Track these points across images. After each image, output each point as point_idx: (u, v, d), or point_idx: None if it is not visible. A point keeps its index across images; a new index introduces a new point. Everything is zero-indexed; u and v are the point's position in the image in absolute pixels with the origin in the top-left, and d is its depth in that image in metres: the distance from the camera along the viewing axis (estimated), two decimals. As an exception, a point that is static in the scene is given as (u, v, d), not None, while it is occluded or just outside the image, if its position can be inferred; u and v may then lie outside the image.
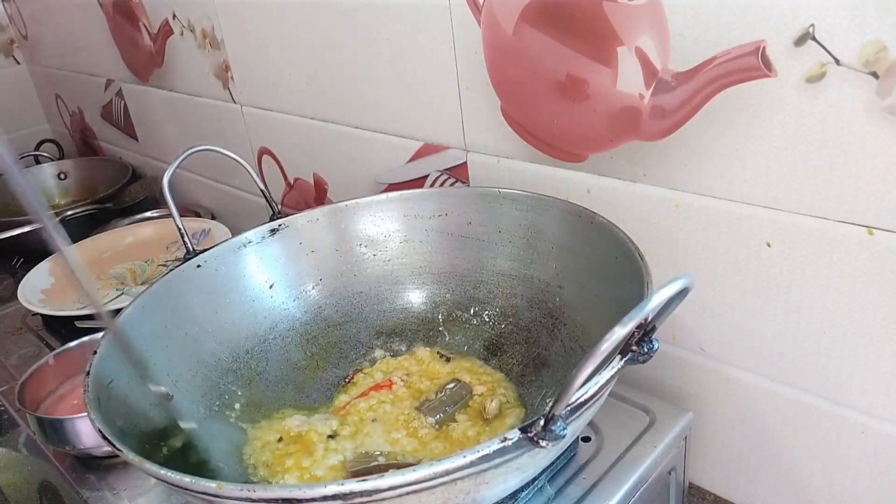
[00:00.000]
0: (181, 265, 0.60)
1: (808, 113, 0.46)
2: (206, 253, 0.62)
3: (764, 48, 0.46)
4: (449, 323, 0.66)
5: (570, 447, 0.54)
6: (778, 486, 0.59)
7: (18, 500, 0.71)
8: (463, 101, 0.68)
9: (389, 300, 0.67)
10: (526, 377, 0.59)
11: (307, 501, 0.35)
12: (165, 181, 0.61)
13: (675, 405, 0.60)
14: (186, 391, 0.55)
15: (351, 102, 0.80)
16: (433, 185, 0.75)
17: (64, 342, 0.74)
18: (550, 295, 0.60)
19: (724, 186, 0.52)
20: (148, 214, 1.16)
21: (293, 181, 0.97)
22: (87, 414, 0.43)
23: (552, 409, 0.35)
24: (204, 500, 0.38)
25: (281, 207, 0.73)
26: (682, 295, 0.35)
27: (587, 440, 0.56)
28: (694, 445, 0.62)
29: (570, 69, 0.57)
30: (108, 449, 0.49)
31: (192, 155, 0.63)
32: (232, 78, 0.96)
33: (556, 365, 0.57)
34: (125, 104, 1.28)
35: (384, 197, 0.67)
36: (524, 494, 0.51)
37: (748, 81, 0.48)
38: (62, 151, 1.52)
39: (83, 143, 1.53)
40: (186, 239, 0.62)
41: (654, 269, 0.47)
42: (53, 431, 0.62)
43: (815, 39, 0.44)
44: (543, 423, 0.35)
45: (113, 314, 0.53)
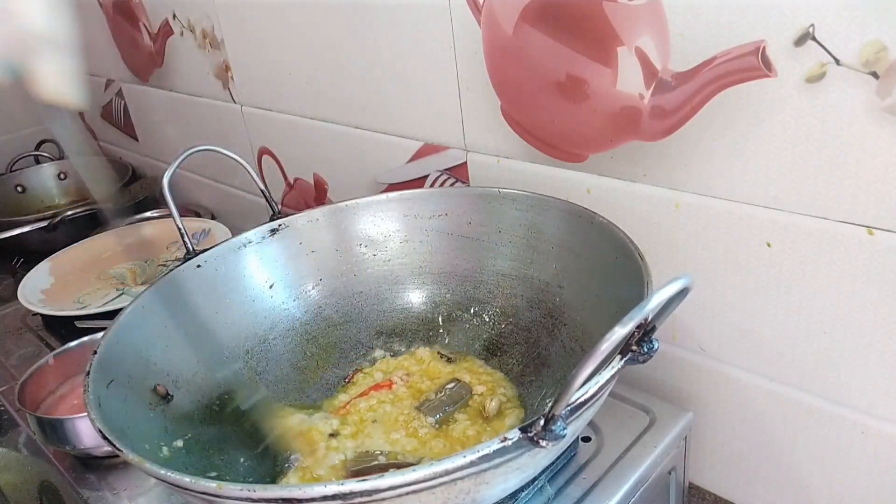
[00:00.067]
0: (181, 265, 0.60)
1: (808, 113, 0.46)
2: (206, 253, 0.62)
3: (764, 48, 0.46)
4: (449, 323, 0.66)
5: (570, 447, 0.54)
6: (778, 486, 0.59)
7: (18, 500, 0.71)
8: (463, 101, 0.68)
9: (389, 300, 0.67)
10: (526, 377, 0.59)
11: (307, 501, 0.35)
12: (165, 181, 0.61)
13: (675, 405, 0.60)
14: (186, 391, 0.55)
15: (351, 102, 0.80)
16: (433, 185, 0.75)
17: (64, 342, 0.74)
18: (550, 295, 0.60)
19: (724, 186, 0.52)
20: (148, 214, 1.15)
21: (293, 181, 0.97)
22: (87, 414, 0.43)
23: (552, 409, 0.35)
24: (204, 500, 0.38)
25: (281, 207, 0.73)
26: (682, 295, 0.35)
27: (587, 440, 0.56)
28: (694, 445, 0.62)
29: (570, 69, 0.57)
30: (108, 449, 0.49)
31: (192, 155, 0.63)
32: (232, 78, 0.96)
33: (556, 365, 0.57)
34: (125, 104, 1.28)
35: (384, 197, 0.67)
36: (524, 494, 0.51)
37: (748, 81, 0.48)
38: (62, 151, 1.51)
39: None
40: (186, 239, 0.62)
41: (654, 269, 0.47)
42: (53, 431, 0.62)
43: (815, 39, 0.44)
44: (543, 422, 0.35)
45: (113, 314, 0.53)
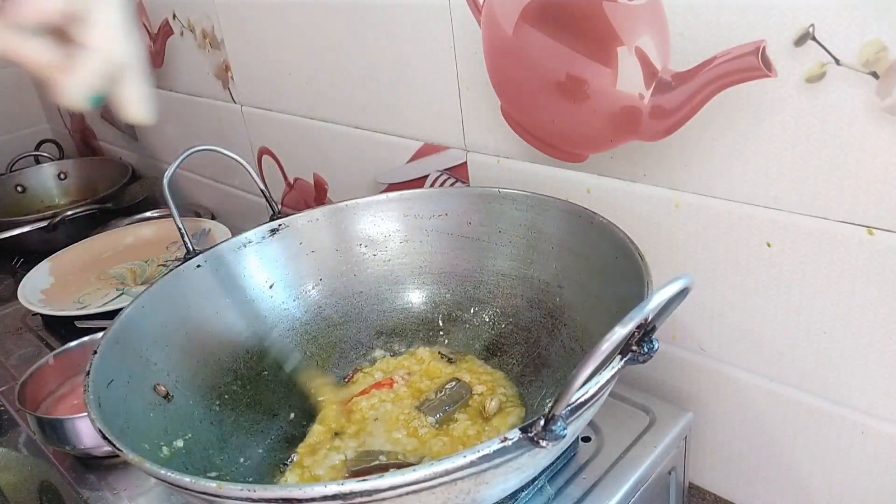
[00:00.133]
0: (181, 265, 0.60)
1: (808, 113, 0.46)
2: (206, 253, 0.62)
3: (764, 48, 0.46)
4: (449, 323, 0.66)
5: (570, 447, 0.54)
6: (778, 486, 0.59)
7: (18, 500, 0.71)
8: (463, 101, 0.68)
9: (389, 300, 0.67)
10: (526, 377, 0.59)
11: (307, 501, 0.35)
12: (165, 181, 0.61)
13: (675, 405, 0.60)
14: (186, 391, 0.55)
15: (351, 102, 0.80)
16: (433, 185, 0.75)
17: (64, 342, 0.74)
18: (550, 295, 0.60)
19: (724, 186, 0.52)
20: (148, 214, 1.16)
21: (293, 181, 0.97)
22: (87, 414, 0.43)
23: (552, 409, 0.35)
24: (204, 500, 0.38)
25: (281, 207, 0.73)
26: (682, 295, 0.35)
27: (587, 440, 0.56)
28: (694, 445, 0.62)
29: (570, 69, 0.57)
30: (108, 449, 0.49)
31: (192, 155, 0.63)
32: (232, 78, 0.96)
33: (556, 365, 0.57)
34: (125, 104, 1.28)
35: (384, 197, 0.67)
36: (524, 494, 0.51)
37: (748, 81, 0.48)
38: (62, 151, 1.51)
39: (83, 143, 1.53)
40: (186, 239, 0.62)
41: (654, 269, 0.46)
42: (53, 431, 0.62)
43: (815, 39, 0.44)
44: (543, 423, 0.35)
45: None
